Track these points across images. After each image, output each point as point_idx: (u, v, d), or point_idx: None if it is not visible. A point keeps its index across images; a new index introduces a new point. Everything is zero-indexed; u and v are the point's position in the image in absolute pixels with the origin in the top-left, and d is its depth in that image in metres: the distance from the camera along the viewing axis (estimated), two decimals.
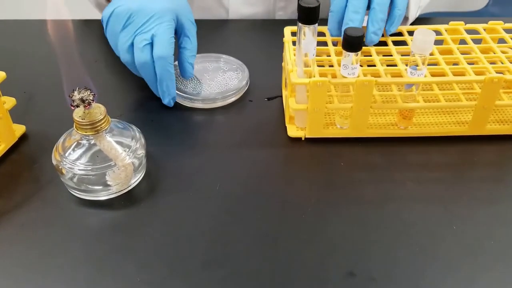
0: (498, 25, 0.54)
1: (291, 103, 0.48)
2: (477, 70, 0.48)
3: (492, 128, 0.50)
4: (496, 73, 0.47)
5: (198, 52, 0.61)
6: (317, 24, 0.44)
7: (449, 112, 0.52)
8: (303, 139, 0.50)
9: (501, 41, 0.53)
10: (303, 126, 0.50)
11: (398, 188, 0.45)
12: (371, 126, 0.50)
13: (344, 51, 0.44)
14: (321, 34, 0.51)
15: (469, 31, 0.54)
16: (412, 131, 0.50)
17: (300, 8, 0.43)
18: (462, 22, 0.54)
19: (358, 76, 0.46)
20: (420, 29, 0.45)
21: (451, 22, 0.55)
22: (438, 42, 0.50)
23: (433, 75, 0.48)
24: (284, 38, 0.52)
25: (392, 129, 0.50)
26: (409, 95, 0.48)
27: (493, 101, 0.48)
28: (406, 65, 0.48)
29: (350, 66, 0.45)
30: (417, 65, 0.46)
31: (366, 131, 0.50)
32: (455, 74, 0.48)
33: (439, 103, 0.49)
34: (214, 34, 0.69)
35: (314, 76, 0.47)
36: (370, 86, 0.45)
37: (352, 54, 0.44)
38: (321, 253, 0.40)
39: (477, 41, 0.53)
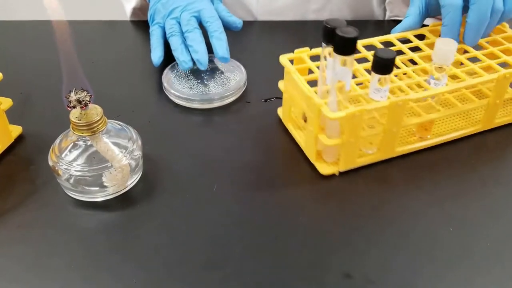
0: None
1: (325, 140, 0.44)
2: (484, 68, 0.49)
3: (500, 120, 0.51)
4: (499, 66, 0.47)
5: None
6: (354, 54, 0.41)
7: (459, 113, 0.52)
8: (337, 174, 0.46)
9: None
10: (333, 160, 0.47)
11: (395, 189, 0.45)
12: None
13: (376, 75, 0.42)
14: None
15: None
16: (435, 139, 0.49)
17: (338, 38, 0.39)
18: (439, 22, 0.55)
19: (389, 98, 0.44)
20: (440, 38, 0.45)
21: (431, 23, 0.55)
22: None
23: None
24: (287, 69, 0.47)
25: (417, 142, 0.49)
26: (430, 105, 0.47)
27: (503, 96, 0.49)
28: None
29: (382, 89, 0.43)
30: (434, 76, 0.46)
31: (395, 151, 0.48)
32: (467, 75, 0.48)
33: (458, 107, 0.48)
34: None
35: (345, 106, 0.43)
36: (404, 106, 0.44)
37: (386, 77, 0.42)
38: (318, 255, 0.39)
39: None
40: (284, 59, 0.48)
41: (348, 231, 0.42)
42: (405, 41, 0.52)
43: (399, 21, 0.54)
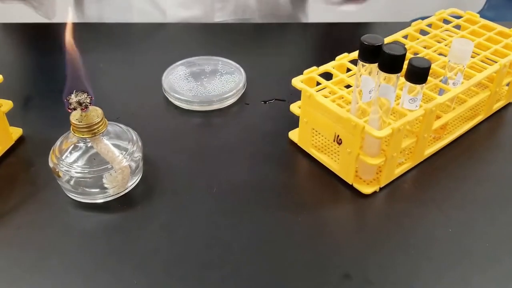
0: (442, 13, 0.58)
1: (369, 160, 0.42)
2: (481, 59, 0.50)
3: (495, 106, 0.53)
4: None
5: (197, 55, 0.61)
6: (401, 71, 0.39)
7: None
8: (378, 191, 0.45)
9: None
10: (371, 178, 0.46)
11: (394, 190, 0.46)
12: None
13: (411, 85, 0.41)
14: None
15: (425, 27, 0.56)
16: (451, 136, 0.50)
17: (386, 56, 0.38)
18: (420, 20, 0.56)
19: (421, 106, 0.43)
20: (456, 39, 0.46)
21: (413, 23, 0.55)
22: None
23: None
24: (307, 92, 0.45)
25: (436, 142, 0.49)
26: (445, 105, 0.48)
27: (502, 83, 0.50)
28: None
29: (417, 98, 0.42)
30: (447, 76, 0.46)
31: (424, 155, 0.48)
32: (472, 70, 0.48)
33: (468, 101, 0.49)
34: (213, 37, 0.69)
35: (387, 123, 0.42)
36: (435, 111, 0.44)
37: (420, 86, 0.41)
38: (317, 255, 0.40)
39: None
40: (298, 82, 0.46)
41: (346, 232, 0.42)
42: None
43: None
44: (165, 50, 0.66)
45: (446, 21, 0.57)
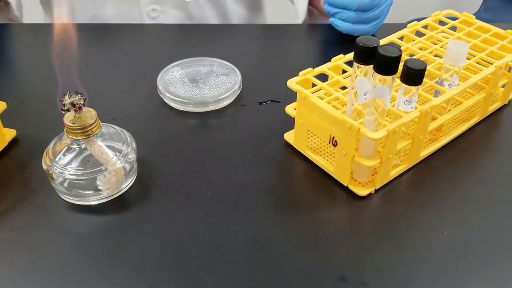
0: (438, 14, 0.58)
1: (365, 162, 0.42)
2: (476, 61, 0.50)
3: (491, 108, 0.54)
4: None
5: (192, 56, 0.61)
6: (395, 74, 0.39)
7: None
8: (373, 193, 0.45)
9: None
10: (366, 180, 0.45)
11: (390, 192, 0.45)
12: None
13: (407, 86, 0.41)
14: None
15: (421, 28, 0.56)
16: (447, 138, 0.50)
17: (381, 58, 0.38)
18: (416, 22, 0.56)
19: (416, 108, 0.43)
20: (452, 40, 0.46)
21: (409, 25, 0.56)
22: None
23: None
24: (302, 94, 0.45)
25: (432, 143, 0.49)
26: (441, 107, 0.48)
27: (497, 85, 0.50)
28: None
29: (413, 100, 0.42)
30: (443, 77, 0.46)
31: (419, 156, 0.48)
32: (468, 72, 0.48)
33: (464, 103, 0.49)
34: (209, 38, 0.69)
35: (382, 124, 0.42)
36: (431, 113, 0.44)
37: (416, 87, 0.41)
38: (312, 258, 0.39)
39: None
40: (293, 83, 0.46)
41: (342, 234, 0.42)
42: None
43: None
44: (160, 51, 0.66)
45: (442, 23, 0.57)
